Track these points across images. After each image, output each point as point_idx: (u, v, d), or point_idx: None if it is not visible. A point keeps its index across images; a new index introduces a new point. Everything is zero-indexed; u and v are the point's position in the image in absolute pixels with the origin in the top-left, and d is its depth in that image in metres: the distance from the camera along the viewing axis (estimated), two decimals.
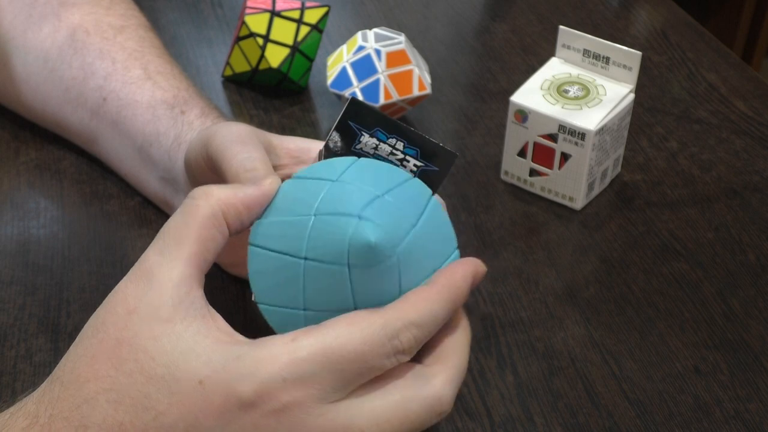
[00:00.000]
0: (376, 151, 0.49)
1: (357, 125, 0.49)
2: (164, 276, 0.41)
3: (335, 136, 0.49)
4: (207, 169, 0.53)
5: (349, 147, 0.49)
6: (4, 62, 0.70)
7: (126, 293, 0.42)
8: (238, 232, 0.45)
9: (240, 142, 0.51)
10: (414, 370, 0.43)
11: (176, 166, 0.60)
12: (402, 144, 0.49)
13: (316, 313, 0.44)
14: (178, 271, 0.42)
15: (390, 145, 0.49)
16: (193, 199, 0.44)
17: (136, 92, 0.65)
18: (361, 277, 0.43)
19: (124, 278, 0.43)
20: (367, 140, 0.49)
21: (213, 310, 0.42)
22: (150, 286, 0.41)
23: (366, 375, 0.41)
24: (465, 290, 0.44)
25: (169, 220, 0.43)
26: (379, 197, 0.44)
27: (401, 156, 0.49)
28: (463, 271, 0.44)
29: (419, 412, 0.42)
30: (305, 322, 0.44)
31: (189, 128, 0.61)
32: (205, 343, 0.40)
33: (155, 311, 0.41)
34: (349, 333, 0.41)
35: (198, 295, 0.42)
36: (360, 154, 0.49)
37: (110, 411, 0.39)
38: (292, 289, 0.44)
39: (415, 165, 0.49)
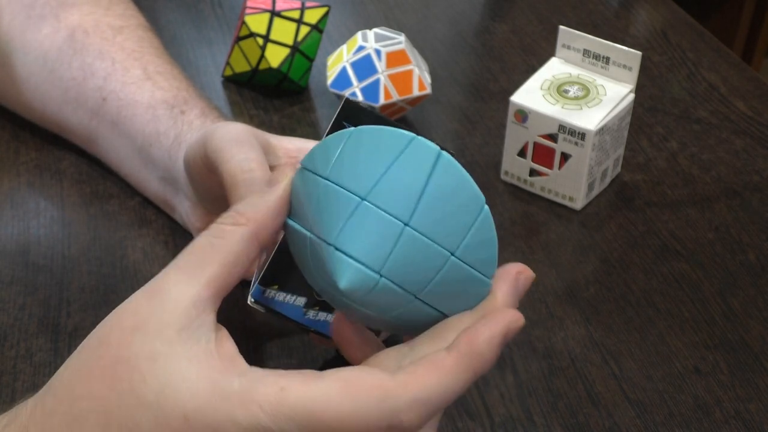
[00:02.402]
0: None
1: (351, 126, 0.49)
2: (179, 295, 0.39)
3: None
4: (205, 169, 0.53)
5: None
6: (3, 63, 0.70)
7: (137, 307, 0.40)
8: (270, 240, 0.43)
9: (237, 143, 0.51)
10: (382, 382, 0.39)
11: (176, 166, 0.60)
12: None
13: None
14: (195, 291, 0.40)
15: None
16: (223, 223, 0.41)
17: (136, 92, 0.65)
18: (360, 300, 0.41)
19: (139, 290, 0.41)
20: None
21: (222, 334, 0.40)
22: (162, 303, 0.39)
23: None
24: (490, 358, 0.39)
25: (196, 239, 0.41)
26: (362, 202, 0.39)
27: None
28: (490, 333, 0.39)
29: (376, 421, 0.38)
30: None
31: (189, 128, 0.61)
32: (197, 371, 0.38)
33: (160, 330, 0.39)
34: (341, 398, 0.37)
35: (208, 320, 0.40)
36: None
37: None
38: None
39: None
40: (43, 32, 0.69)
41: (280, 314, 0.50)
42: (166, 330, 0.39)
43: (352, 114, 0.49)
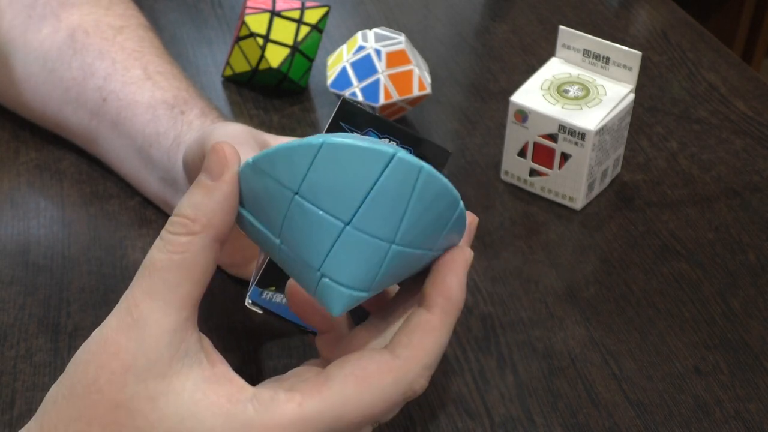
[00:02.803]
0: None
1: (349, 126, 0.48)
2: (158, 325, 0.38)
3: None
4: None
5: None
6: (3, 63, 0.70)
7: (118, 346, 0.38)
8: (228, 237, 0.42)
9: (236, 143, 0.51)
10: (390, 365, 0.40)
11: (175, 166, 0.60)
12: (396, 143, 0.49)
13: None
14: (172, 318, 0.38)
15: None
16: (176, 234, 0.39)
17: (136, 92, 0.65)
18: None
19: (113, 323, 0.39)
20: None
21: (210, 353, 0.40)
22: (143, 338, 0.38)
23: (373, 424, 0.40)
24: (462, 296, 0.42)
25: (154, 256, 0.39)
26: (345, 227, 0.38)
27: None
28: (458, 279, 0.41)
29: (396, 400, 0.40)
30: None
31: (188, 128, 0.61)
32: (205, 404, 0.37)
33: (150, 367, 0.38)
34: (360, 394, 0.38)
35: (193, 340, 0.39)
36: None
37: None
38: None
39: None
40: (43, 32, 0.69)
41: (278, 316, 0.50)
42: (156, 366, 0.38)
43: (350, 115, 0.48)
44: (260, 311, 0.50)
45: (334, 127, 0.48)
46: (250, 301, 0.50)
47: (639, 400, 0.56)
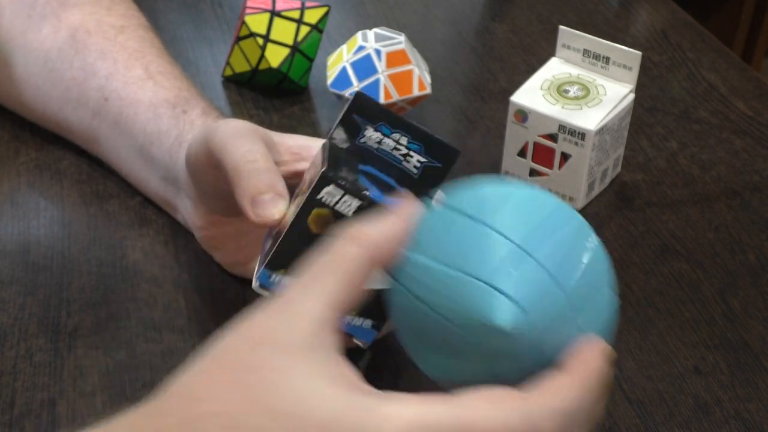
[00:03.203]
0: (380, 146, 0.49)
1: (361, 119, 0.49)
2: (303, 314, 0.39)
3: (339, 131, 0.49)
4: (208, 166, 0.53)
5: (353, 141, 0.49)
6: (4, 62, 0.70)
7: (264, 321, 0.39)
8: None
9: (240, 137, 0.51)
10: (516, 395, 0.40)
11: (177, 165, 0.60)
12: (406, 139, 0.49)
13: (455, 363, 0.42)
14: (318, 312, 0.39)
15: (394, 140, 0.49)
16: (342, 239, 0.41)
17: (138, 92, 0.65)
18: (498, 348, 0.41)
19: (262, 308, 0.40)
20: (371, 134, 0.49)
21: (342, 358, 0.40)
22: (289, 319, 0.39)
23: None
24: (602, 369, 0.41)
25: (318, 257, 0.41)
26: (527, 257, 0.41)
27: (405, 151, 0.49)
28: (596, 350, 0.41)
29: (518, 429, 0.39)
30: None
31: (191, 127, 0.61)
32: (332, 387, 0.38)
33: (286, 344, 0.38)
34: (488, 411, 0.38)
35: (331, 340, 0.39)
36: (364, 148, 0.49)
37: None
38: (430, 338, 0.42)
39: (418, 161, 0.49)
40: (44, 32, 0.69)
41: None
42: (291, 345, 0.38)
43: (363, 108, 0.49)
44: (267, 295, 0.49)
45: (347, 120, 0.49)
46: (258, 284, 0.49)
47: (639, 400, 0.56)
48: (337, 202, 0.47)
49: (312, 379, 0.37)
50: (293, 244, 0.48)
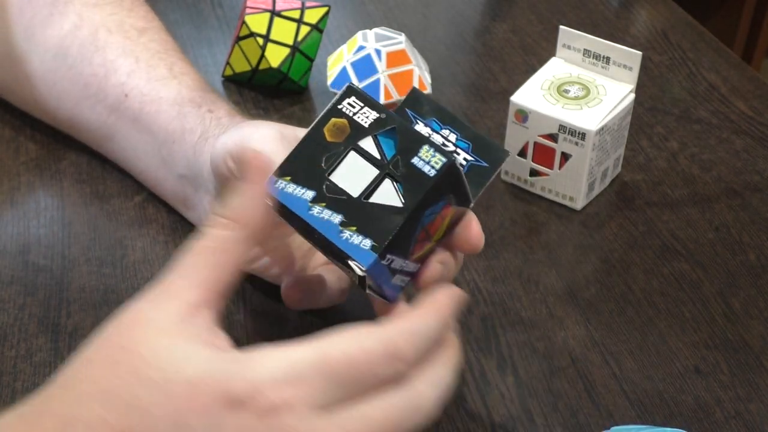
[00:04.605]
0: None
1: (413, 113, 0.50)
2: (175, 295, 0.42)
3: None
4: (234, 169, 0.54)
5: None
6: (19, 59, 0.70)
7: (138, 307, 0.42)
8: (267, 235, 0.46)
9: (269, 147, 0.52)
10: (372, 326, 0.43)
11: (200, 160, 0.60)
12: (455, 136, 0.50)
13: None
14: (191, 294, 0.42)
15: (443, 136, 0.50)
16: (215, 227, 0.44)
17: (161, 89, 0.65)
18: None
19: (139, 296, 0.42)
20: (420, 129, 0.50)
21: (219, 332, 0.42)
22: (159, 303, 0.42)
23: (361, 384, 0.41)
24: (452, 307, 0.45)
25: (193, 242, 0.43)
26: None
27: (452, 148, 0.50)
28: (445, 297, 0.46)
29: (405, 415, 0.42)
30: None
31: (217, 124, 0.61)
32: (201, 350, 0.40)
33: (161, 326, 0.41)
34: (346, 341, 0.41)
35: (205, 318, 0.42)
36: None
37: (99, 409, 0.39)
38: None
39: (465, 159, 0.50)
40: (65, 29, 0.69)
41: (286, 208, 0.47)
42: (166, 326, 0.41)
43: (416, 103, 0.51)
44: (270, 204, 0.47)
45: (400, 113, 0.50)
46: None
47: (639, 400, 0.56)
48: (356, 113, 0.47)
49: (180, 348, 0.40)
50: (305, 150, 0.48)
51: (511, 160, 0.71)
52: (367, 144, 0.47)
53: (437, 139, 0.50)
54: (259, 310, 0.60)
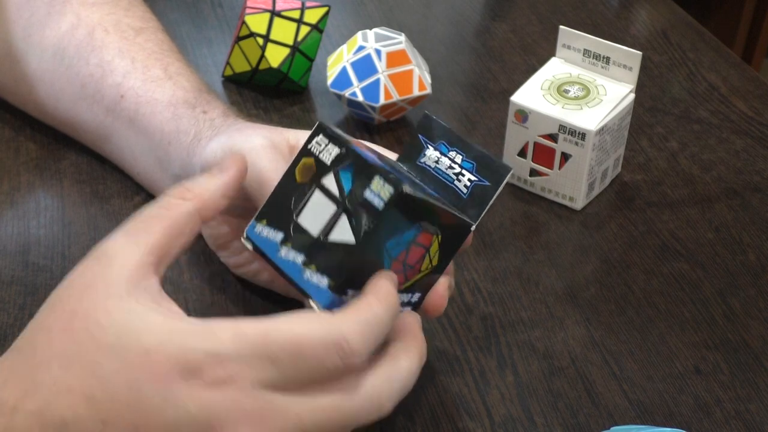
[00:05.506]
0: (437, 165, 0.51)
1: (424, 138, 0.52)
2: (124, 258, 0.43)
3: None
4: None
5: (413, 162, 0.52)
6: (17, 59, 0.70)
7: (86, 269, 0.44)
8: (213, 218, 0.48)
9: (259, 158, 0.53)
10: (354, 372, 0.44)
11: (193, 161, 0.61)
12: (461, 157, 0.51)
13: None
14: (138, 256, 0.43)
15: (450, 159, 0.51)
16: (171, 196, 0.46)
17: (156, 90, 0.65)
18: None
19: (86, 256, 0.44)
20: (430, 153, 0.52)
21: (166, 297, 0.44)
22: (109, 265, 0.43)
23: (308, 371, 0.42)
24: (395, 293, 0.46)
25: (143, 208, 0.46)
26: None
27: (458, 170, 0.51)
28: (384, 280, 0.46)
29: (356, 408, 0.43)
30: None
31: (210, 125, 0.61)
32: (156, 319, 0.42)
33: (110, 288, 0.42)
34: (293, 324, 0.42)
35: (153, 282, 0.43)
36: (422, 168, 0.52)
37: (60, 375, 0.41)
38: None
39: (469, 180, 0.51)
40: (62, 28, 0.69)
41: (259, 250, 0.49)
42: (116, 288, 0.42)
43: (427, 128, 0.52)
44: (250, 247, 0.49)
45: (413, 139, 0.52)
46: (244, 236, 0.50)
47: (639, 400, 0.56)
48: (321, 151, 0.48)
49: (134, 314, 0.42)
50: (280, 192, 0.49)
51: (512, 160, 0.71)
52: (329, 181, 0.47)
53: (444, 162, 0.51)
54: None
